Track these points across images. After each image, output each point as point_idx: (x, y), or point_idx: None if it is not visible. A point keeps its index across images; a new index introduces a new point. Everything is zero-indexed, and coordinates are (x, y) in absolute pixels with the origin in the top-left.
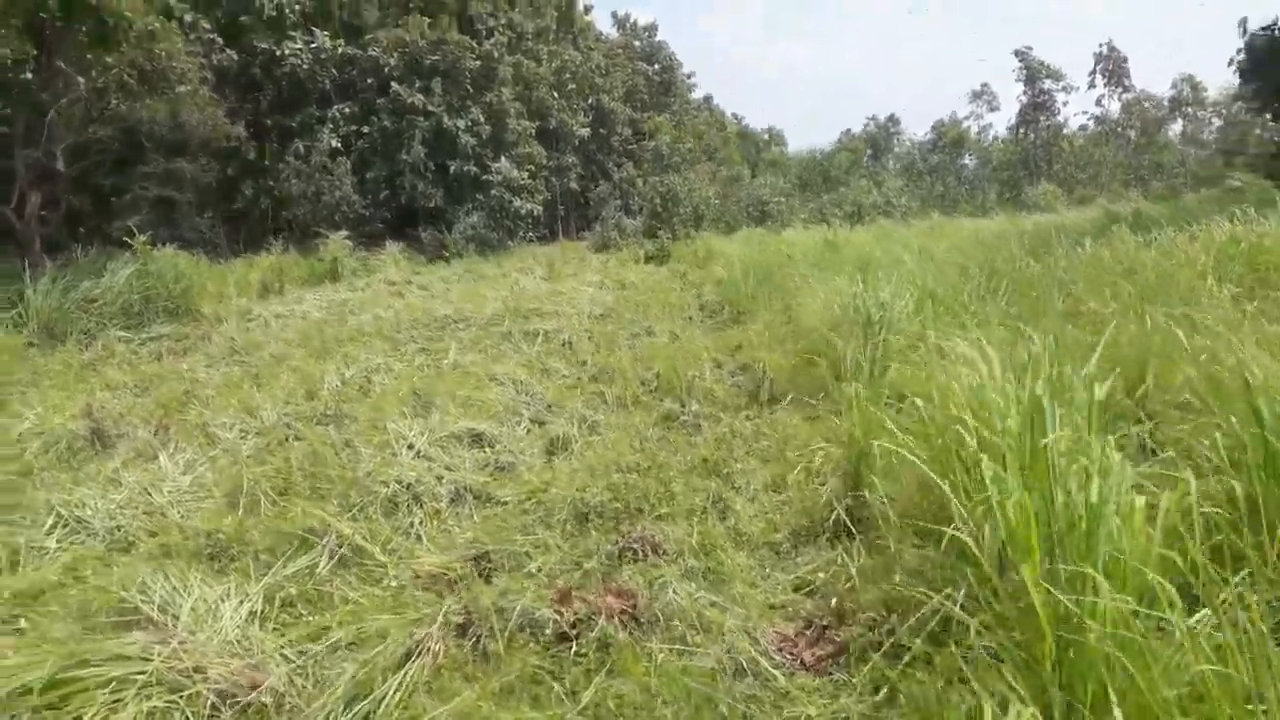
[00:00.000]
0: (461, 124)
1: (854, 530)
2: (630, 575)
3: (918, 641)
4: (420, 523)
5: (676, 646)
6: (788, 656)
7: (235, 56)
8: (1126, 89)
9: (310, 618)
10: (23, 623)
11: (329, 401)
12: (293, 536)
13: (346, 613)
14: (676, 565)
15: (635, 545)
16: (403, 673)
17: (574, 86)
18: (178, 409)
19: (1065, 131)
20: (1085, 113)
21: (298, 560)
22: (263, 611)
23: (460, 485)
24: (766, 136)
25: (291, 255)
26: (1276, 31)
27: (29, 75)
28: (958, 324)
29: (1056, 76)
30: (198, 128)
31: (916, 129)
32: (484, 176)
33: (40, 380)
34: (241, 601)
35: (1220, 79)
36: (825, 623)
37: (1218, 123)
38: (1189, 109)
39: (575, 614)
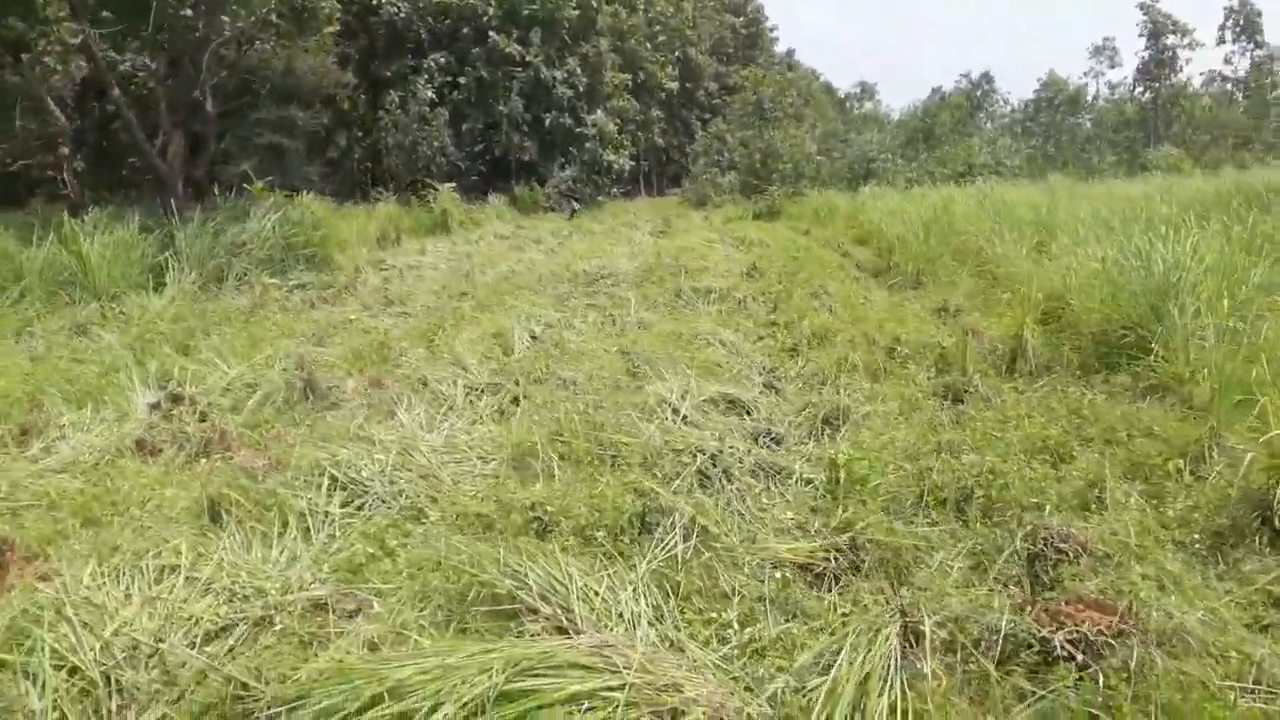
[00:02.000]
0: (558, 75)
1: None
2: (1073, 580)
3: None
4: (736, 499)
5: (1232, 683)
6: None
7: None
8: (1259, 45)
9: (711, 613)
10: (375, 606)
11: (533, 359)
12: (624, 511)
13: (744, 609)
14: (1122, 571)
15: (1061, 543)
16: (886, 699)
17: (663, 38)
18: (375, 360)
19: (1189, 91)
20: (1211, 71)
21: (652, 540)
22: (662, 605)
23: (758, 459)
24: (857, 91)
25: (394, 206)
26: None
27: (189, 11)
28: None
29: (1182, 31)
30: (308, 74)
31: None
32: (578, 129)
33: (210, 326)
34: (634, 591)
35: None
36: None
37: None
38: None
39: (1070, 631)
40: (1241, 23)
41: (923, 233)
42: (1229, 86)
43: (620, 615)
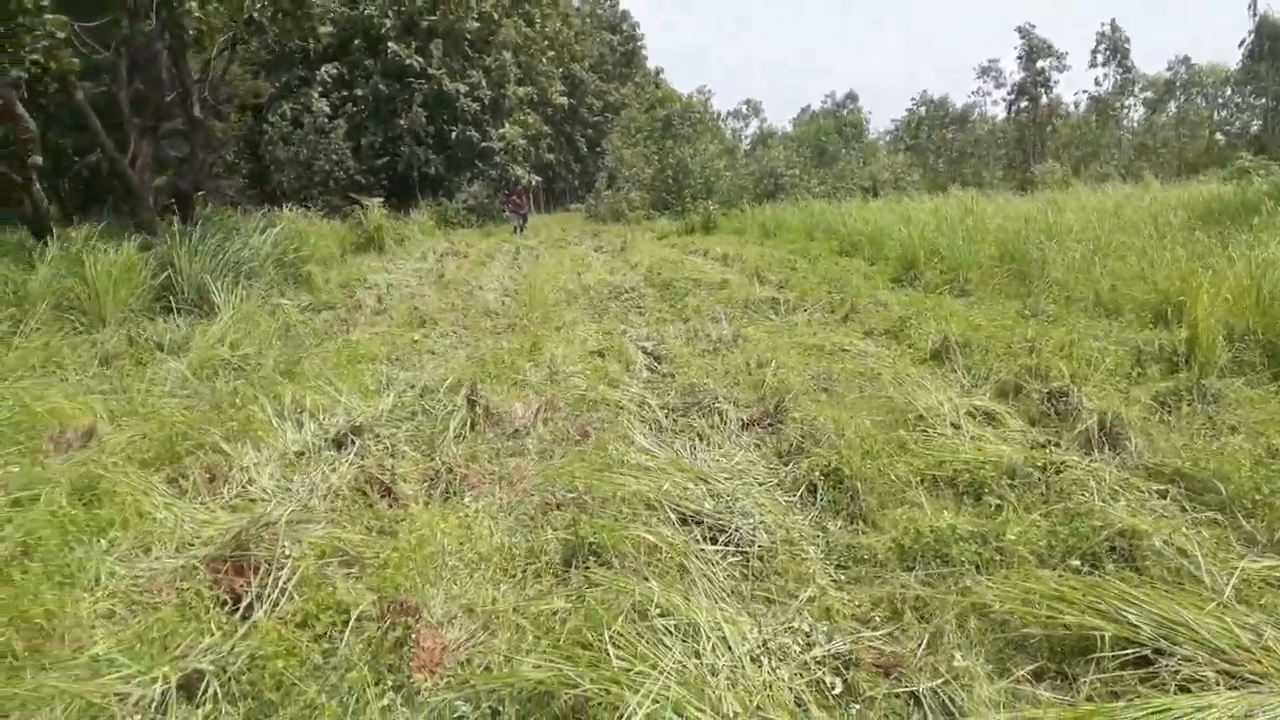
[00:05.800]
0: (462, 88)
1: None
2: None
3: None
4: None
5: None
6: None
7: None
8: (1127, 69)
9: None
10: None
11: (676, 375)
12: (1086, 536)
13: None
14: None
15: None
16: None
17: (553, 53)
18: (511, 382)
19: (1062, 110)
20: (1083, 91)
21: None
22: None
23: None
24: (744, 109)
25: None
26: None
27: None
28: None
29: (1054, 55)
30: (225, 83)
31: (870, 106)
32: (484, 143)
33: (264, 350)
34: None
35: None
36: None
37: (1203, 104)
38: (1180, 90)
39: None
40: (1112, 47)
41: (947, 241)
42: (1099, 106)
43: None
